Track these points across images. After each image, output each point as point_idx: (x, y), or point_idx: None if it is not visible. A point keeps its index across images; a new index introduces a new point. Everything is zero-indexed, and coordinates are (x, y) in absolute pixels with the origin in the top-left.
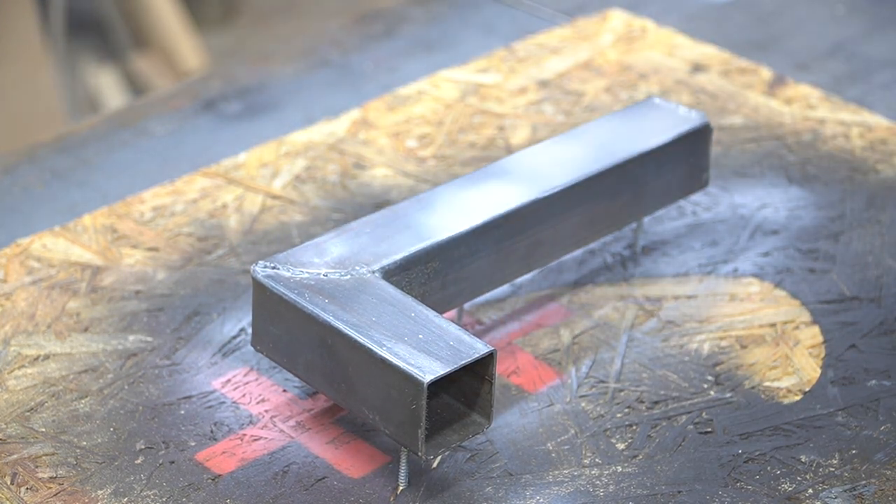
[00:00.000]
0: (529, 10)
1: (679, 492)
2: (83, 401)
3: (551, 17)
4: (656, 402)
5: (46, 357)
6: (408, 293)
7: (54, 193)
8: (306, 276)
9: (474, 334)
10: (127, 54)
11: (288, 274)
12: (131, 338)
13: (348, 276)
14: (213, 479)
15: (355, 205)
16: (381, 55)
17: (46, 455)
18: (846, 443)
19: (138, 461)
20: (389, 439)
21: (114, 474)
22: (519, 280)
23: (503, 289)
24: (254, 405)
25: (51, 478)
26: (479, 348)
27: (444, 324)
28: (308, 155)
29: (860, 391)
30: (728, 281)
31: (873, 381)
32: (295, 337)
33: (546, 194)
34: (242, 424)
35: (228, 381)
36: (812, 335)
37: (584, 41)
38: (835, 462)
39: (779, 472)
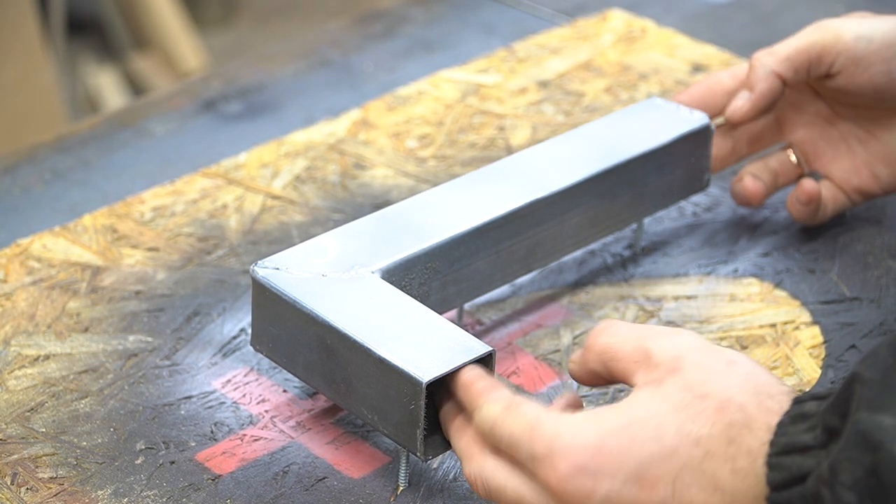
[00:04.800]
0: (529, 10)
1: None
2: (83, 401)
3: (551, 17)
4: None
5: (46, 357)
6: (408, 293)
7: (54, 193)
8: (306, 275)
9: (474, 334)
10: (127, 54)
11: (287, 274)
12: (131, 338)
13: (348, 276)
14: (213, 480)
15: (355, 205)
16: (381, 55)
17: (46, 455)
18: None
19: (138, 461)
20: (389, 439)
21: (114, 474)
22: (519, 280)
23: (503, 289)
24: (254, 405)
25: (51, 478)
26: (478, 348)
27: (443, 324)
28: (308, 155)
29: None
30: (728, 281)
31: None
32: (294, 337)
33: (546, 195)
34: (242, 424)
35: (228, 381)
36: (812, 335)
37: (584, 41)
38: None
39: None
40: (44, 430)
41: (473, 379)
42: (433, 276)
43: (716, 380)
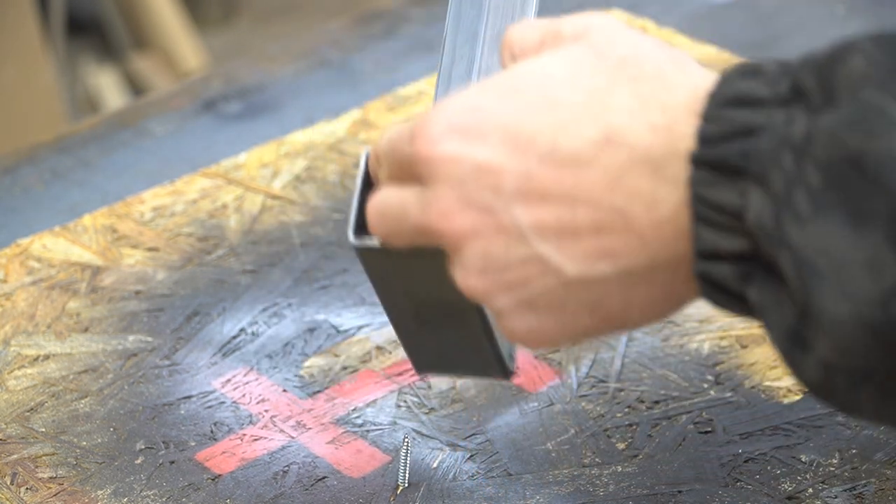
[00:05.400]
0: None
1: (679, 491)
2: (83, 401)
3: (551, 17)
4: (656, 402)
5: (46, 357)
6: None
7: (54, 193)
8: None
9: None
10: (127, 54)
11: None
12: (131, 338)
13: None
14: (212, 479)
15: None
16: (381, 55)
17: (46, 455)
18: (846, 442)
19: (138, 461)
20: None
21: (114, 474)
22: None
23: None
24: (254, 405)
25: (51, 478)
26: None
27: None
28: (308, 155)
29: None
30: None
31: None
32: None
33: None
34: (242, 424)
35: (228, 381)
36: None
37: None
38: (835, 461)
39: (779, 471)
40: (44, 430)
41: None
42: None
43: (624, 41)
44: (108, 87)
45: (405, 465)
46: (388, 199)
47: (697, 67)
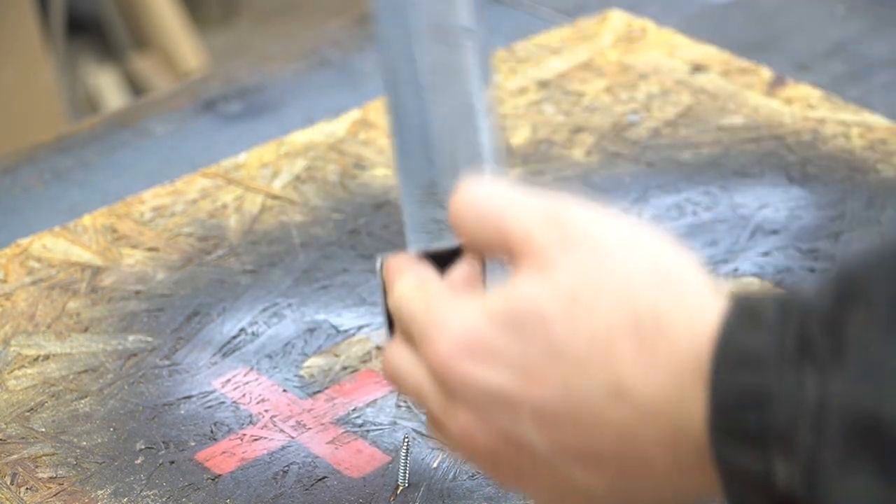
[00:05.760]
0: (529, 10)
1: None
2: (83, 401)
3: (551, 17)
4: None
5: (46, 357)
6: None
7: (54, 193)
8: None
9: None
10: (127, 54)
11: None
12: (131, 338)
13: None
14: (212, 479)
15: (355, 205)
16: None
17: (46, 455)
18: None
19: (138, 461)
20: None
21: (114, 474)
22: None
23: None
24: (254, 405)
25: (51, 478)
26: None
27: None
28: (308, 155)
29: None
30: (728, 281)
31: None
32: None
33: None
34: (242, 424)
35: (228, 380)
36: None
37: (584, 41)
38: None
39: None
40: (44, 430)
41: (390, 263)
42: None
43: (613, 265)
44: (108, 87)
45: (405, 465)
46: (401, 368)
47: (691, 290)
